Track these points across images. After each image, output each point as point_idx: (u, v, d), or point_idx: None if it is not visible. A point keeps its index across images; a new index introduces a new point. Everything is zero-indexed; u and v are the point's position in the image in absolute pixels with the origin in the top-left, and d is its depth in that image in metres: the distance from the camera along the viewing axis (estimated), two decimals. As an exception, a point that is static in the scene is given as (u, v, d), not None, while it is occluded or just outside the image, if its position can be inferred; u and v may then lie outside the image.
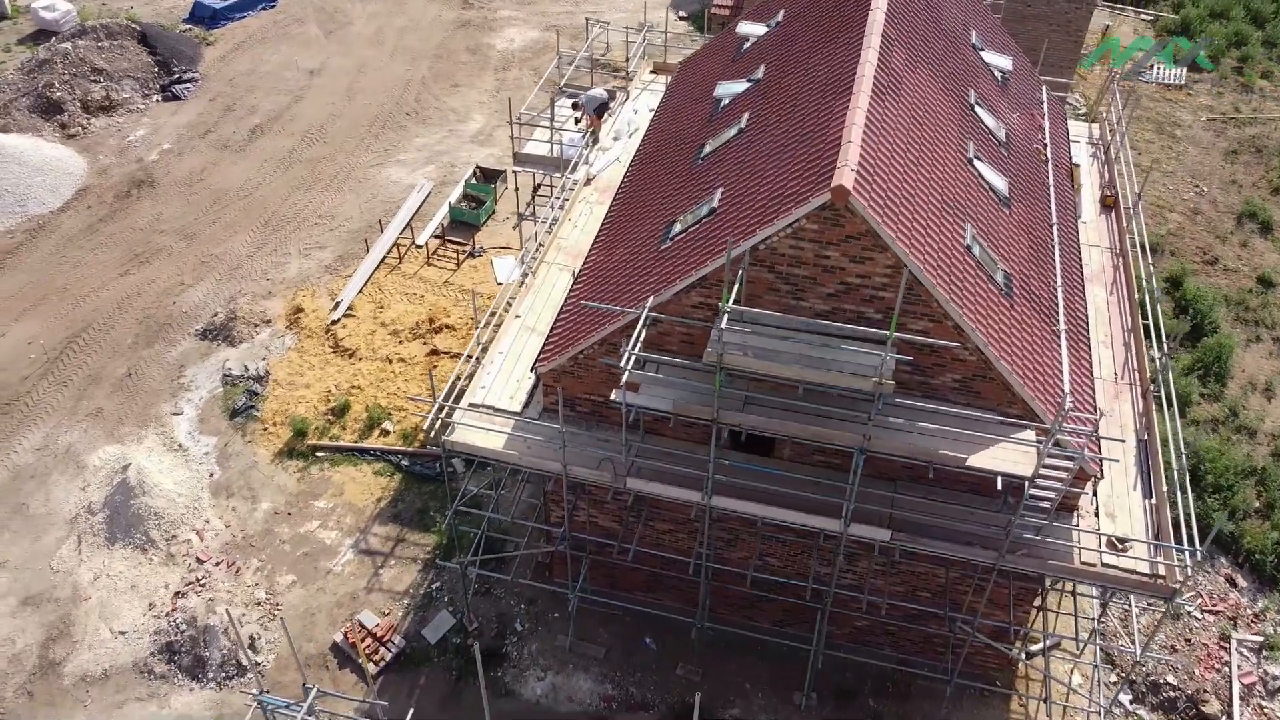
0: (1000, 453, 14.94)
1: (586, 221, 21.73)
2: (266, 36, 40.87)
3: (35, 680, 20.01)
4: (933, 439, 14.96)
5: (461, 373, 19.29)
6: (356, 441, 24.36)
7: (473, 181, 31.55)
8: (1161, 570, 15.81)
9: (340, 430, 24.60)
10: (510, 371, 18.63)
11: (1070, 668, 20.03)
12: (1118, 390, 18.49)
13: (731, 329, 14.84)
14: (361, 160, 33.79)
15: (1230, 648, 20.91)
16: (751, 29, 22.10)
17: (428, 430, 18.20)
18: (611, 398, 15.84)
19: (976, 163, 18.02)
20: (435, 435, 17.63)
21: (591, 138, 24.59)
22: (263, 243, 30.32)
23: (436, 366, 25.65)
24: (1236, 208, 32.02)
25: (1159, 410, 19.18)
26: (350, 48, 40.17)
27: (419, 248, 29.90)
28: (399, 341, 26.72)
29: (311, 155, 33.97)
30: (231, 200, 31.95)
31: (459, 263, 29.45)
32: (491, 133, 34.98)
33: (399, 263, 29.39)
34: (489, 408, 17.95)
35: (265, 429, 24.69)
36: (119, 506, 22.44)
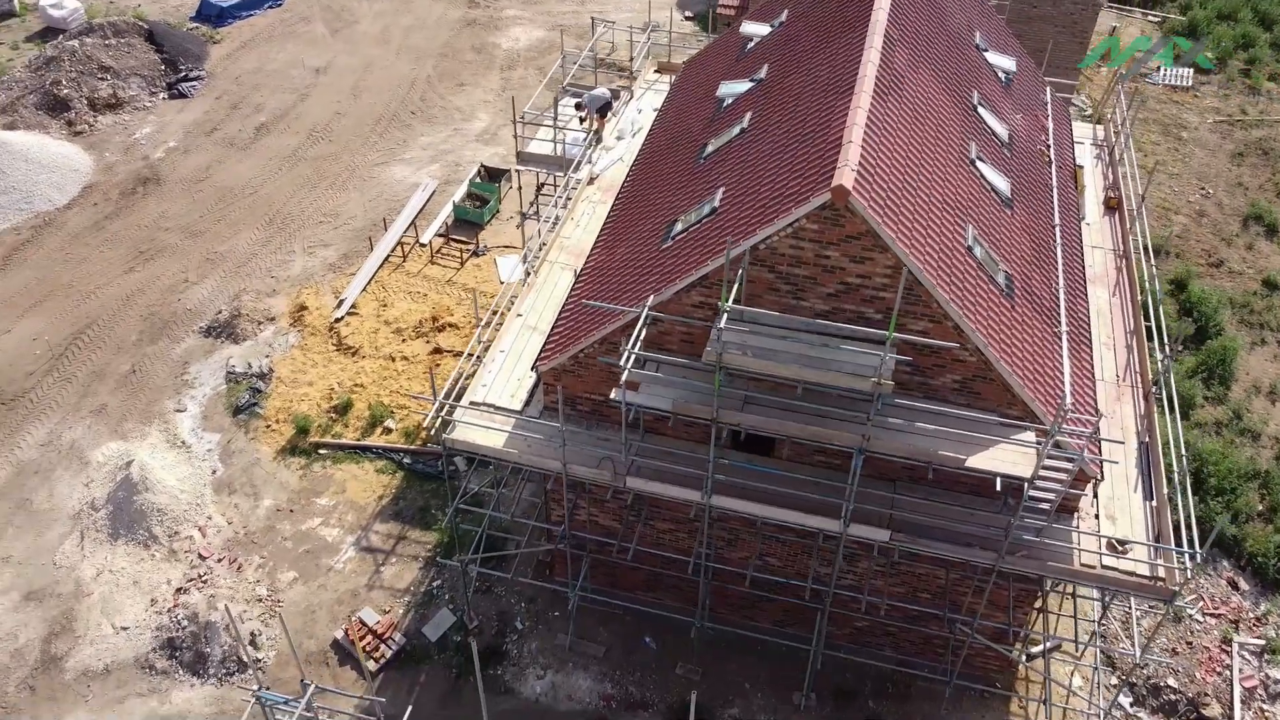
0: (999, 454, 14.93)
1: (589, 220, 21.75)
2: (273, 35, 40.99)
3: (37, 675, 20.10)
4: (932, 439, 14.94)
5: (463, 371, 19.32)
6: (359, 439, 24.42)
7: (477, 180, 31.58)
8: (1161, 572, 15.77)
9: (343, 428, 24.66)
10: (511, 370, 18.65)
11: (1070, 670, 20.00)
12: (1119, 392, 18.44)
13: (731, 328, 14.85)
14: (366, 159, 33.86)
15: (1232, 651, 20.86)
16: (755, 29, 22.10)
17: (429, 428, 18.22)
18: (611, 397, 15.84)
19: (979, 163, 17.99)
20: (436, 433, 17.67)
21: (595, 137, 24.61)
22: (267, 240, 30.39)
23: (439, 365, 25.69)
24: (1242, 210, 31.93)
25: (1161, 412, 19.12)
26: (356, 46, 40.25)
27: (423, 246, 29.94)
28: (402, 340, 26.77)
29: (317, 153, 34.05)
30: (236, 198, 32.04)
31: (463, 261, 29.49)
32: (496, 132, 35.02)
33: (403, 261, 29.44)
34: (490, 406, 17.98)
35: (268, 426, 24.76)
36: (122, 502, 22.53)
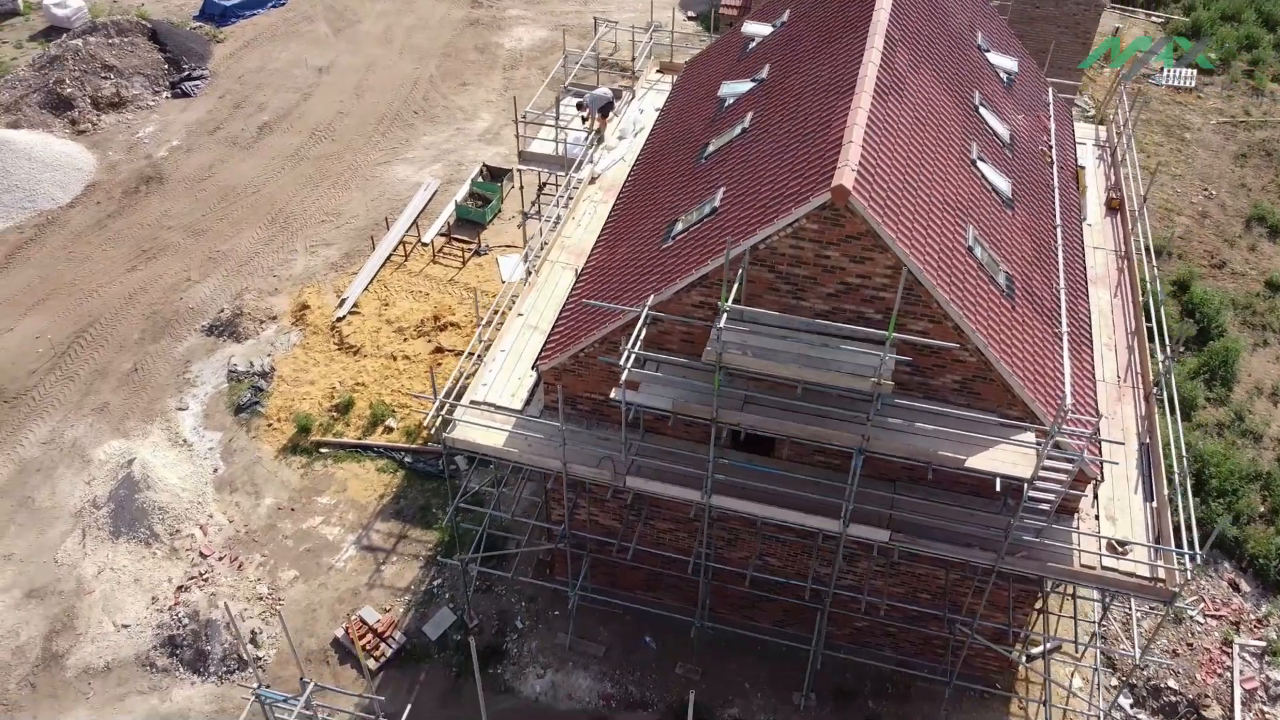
0: (999, 454, 14.92)
1: (590, 220, 21.75)
2: (276, 34, 41.04)
3: (38, 672, 20.14)
4: (932, 440, 14.94)
5: (464, 370, 19.34)
6: (360, 438, 24.45)
7: (479, 180, 31.60)
8: (1161, 574, 15.76)
9: (344, 427, 24.69)
10: (512, 369, 18.66)
11: (1070, 671, 19.98)
12: (1120, 393, 18.42)
13: (731, 328, 14.86)
14: (369, 158, 33.89)
15: (1233, 653, 20.83)
16: (757, 29, 22.10)
17: (430, 427, 18.25)
18: (611, 396, 15.84)
19: (980, 164, 17.98)
20: (437, 432, 17.69)
21: (596, 137, 24.61)
22: (269, 239, 30.43)
23: (440, 364, 25.71)
24: (1245, 211, 31.88)
25: (1162, 413, 19.09)
26: (359, 46, 40.29)
27: (425, 245, 29.97)
28: (404, 339, 26.79)
29: (319, 153, 34.09)
30: (239, 197, 32.09)
31: (465, 261, 29.51)
32: (499, 131, 35.04)
33: (405, 260, 29.47)
34: (490, 405, 18.00)
35: (269, 425, 24.80)
36: (124, 501, 22.57)
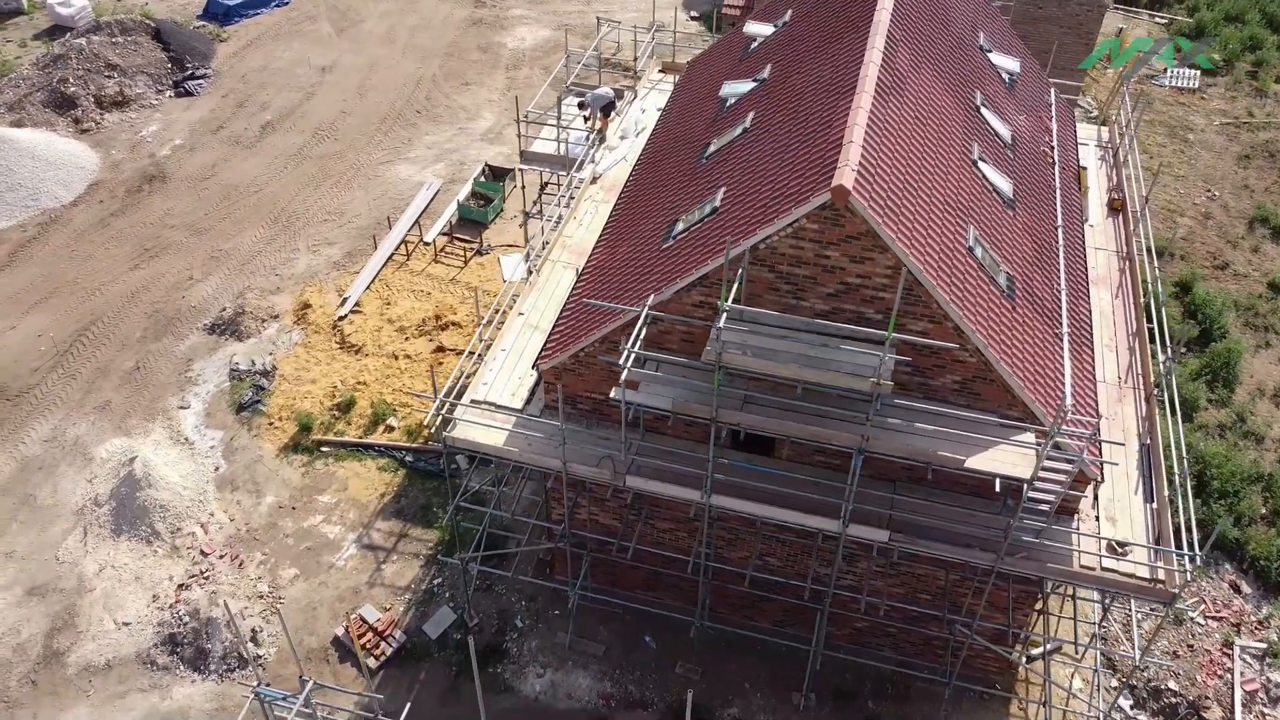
0: (999, 455, 14.91)
1: (592, 220, 21.76)
2: (279, 33, 41.09)
3: (39, 670, 20.18)
4: (932, 440, 14.93)
5: (464, 370, 19.35)
6: (361, 437, 24.48)
7: (481, 179, 31.62)
8: (1161, 575, 15.74)
9: (345, 426, 24.71)
10: (512, 369, 18.68)
11: (1070, 672, 19.96)
12: (1121, 394, 18.40)
13: (731, 328, 14.86)
14: (371, 157, 33.92)
15: (1233, 654, 20.81)
16: (759, 29, 22.10)
17: (430, 426, 18.28)
18: (612, 396, 15.84)
19: (981, 164, 17.97)
20: (437, 431, 17.71)
21: (598, 137, 24.62)
22: (272, 238, 30.47)
23: (442, 363, 25.73)
24: (1248, 213, 31.83)
25: (1163, 414, 19.08)
26: (362, 45, 40.33)
27: (427, 245, 29.99)
28: (405, 338, 26.82)
29: (322, 152, 34.13)
30: (242, 196, 32.13)
31: (466, 260, 29.54)
32: (501, 131, 35.06)
33: (407, 260, 29.50)
34: (491, 404, 18.01)
35: (271, 423, 24.83)
36: (125, 499, 22.61)
